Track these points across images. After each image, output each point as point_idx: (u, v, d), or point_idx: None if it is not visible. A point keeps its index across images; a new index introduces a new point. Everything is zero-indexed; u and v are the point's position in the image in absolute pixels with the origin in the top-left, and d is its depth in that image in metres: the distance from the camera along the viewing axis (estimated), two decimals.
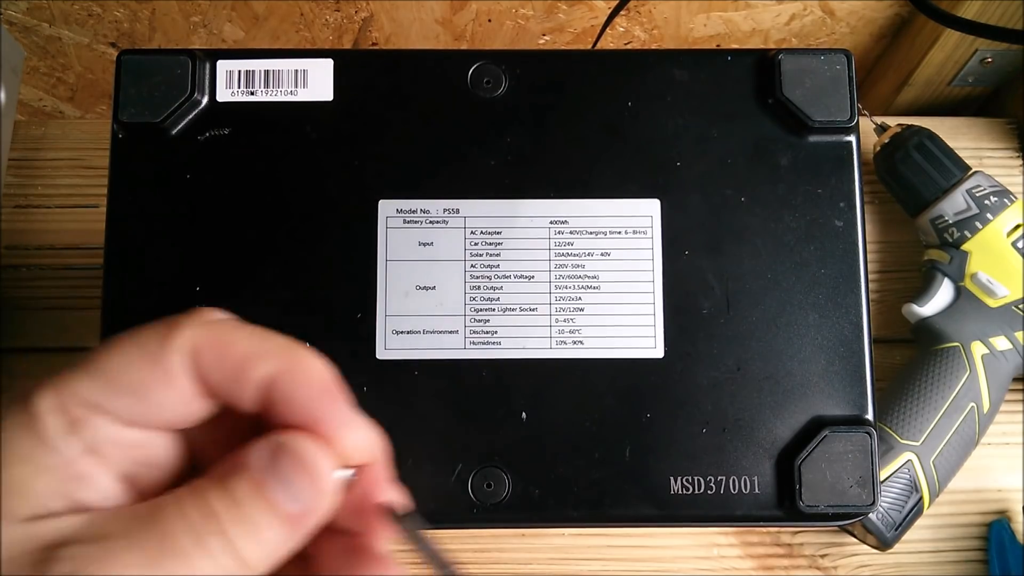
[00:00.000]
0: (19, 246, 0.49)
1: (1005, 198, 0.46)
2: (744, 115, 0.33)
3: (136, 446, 0.20)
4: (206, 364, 0.19)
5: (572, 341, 0.32)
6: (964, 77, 0.55)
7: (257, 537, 0.18)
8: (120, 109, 0.32)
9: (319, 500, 0.19)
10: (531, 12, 0.56)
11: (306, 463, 0.19)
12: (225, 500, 0.18)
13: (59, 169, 0.50)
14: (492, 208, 0.33)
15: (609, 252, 0.32)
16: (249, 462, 0.19)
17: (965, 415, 0.44)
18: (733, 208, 0.33)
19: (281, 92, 0.33)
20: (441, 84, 0.33)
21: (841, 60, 0.33)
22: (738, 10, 0.57)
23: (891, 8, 0.56)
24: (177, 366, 0.19)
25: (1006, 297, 0.45)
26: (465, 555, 0.46)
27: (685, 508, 0.31)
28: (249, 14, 0.56)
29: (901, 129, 0.48)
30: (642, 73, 0.34)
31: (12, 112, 0.51)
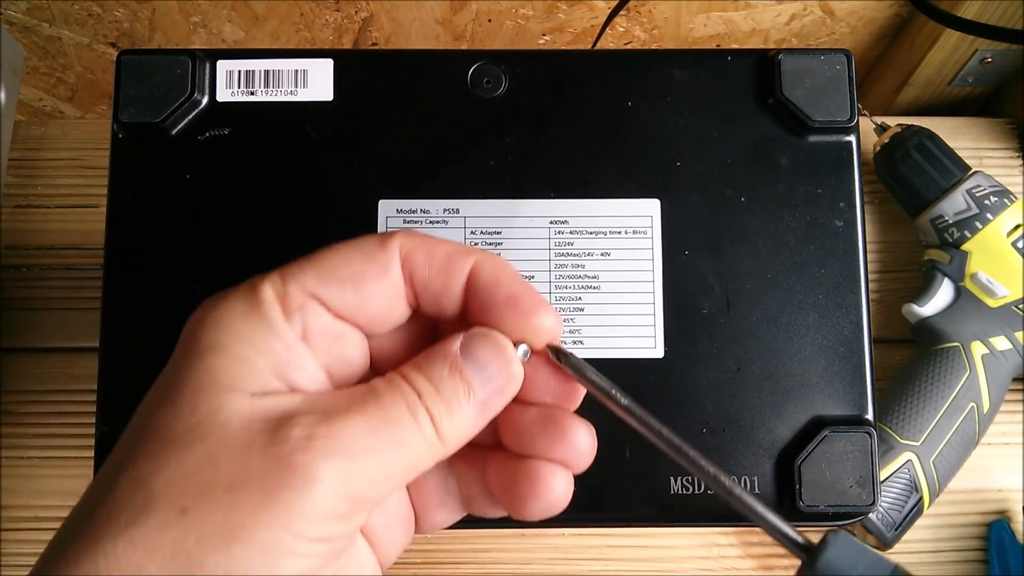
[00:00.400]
0: (19, 246, 0.49)
1: (1005, 198, 0.46)
2: (744, 115, 0.33)
3: (339, 338, 0.21)
4: (418, 262, 0.22)
5: (572, 341, 0.32)
6: (964, 77, 0.55)
7: (453, 414, 0.20)
8: (120, 109, 0.32)
9: (509, 383, 0.22)
10: (531, 12, 0.56)
11: (498, 348, 0.21)
12: (429, 381, 0.20)
13: (59, 169, 0.50)
14: (492, 208, 0.33)
15: (609, 252, 0.32)
16: (448, 349, 0.21)
17: (965, 415, 0.44)
18: (733, 208, 0.33)
19: (281, 92, 0.33)
20: (441, 84, 0.33)
21: (841, 60, 0.33)
22: (738, 10, 0.57)
23: (891, 8, 0.56)
24: (393, 261, 0.22)
25: (1006, 297, 0.45)
26: (465, 555, 0.47)
27: (685, 508, 0.31)
28: (249, 14, 0.56)
29: (901, 129, 0.48)
30: (642, 73, 0.34)
31: (12, 112, 0.51)
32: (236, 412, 0.19)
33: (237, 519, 0.17)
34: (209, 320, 0.20)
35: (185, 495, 0.17)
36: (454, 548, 0.47)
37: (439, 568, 0.46)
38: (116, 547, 0.17)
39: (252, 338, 0.20)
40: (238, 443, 0.18)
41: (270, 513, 0.17)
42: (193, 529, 0.17)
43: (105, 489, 0.18)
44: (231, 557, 0.17)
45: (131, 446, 0.19)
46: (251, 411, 0.19)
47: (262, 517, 0.17)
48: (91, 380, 0.30)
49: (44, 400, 0.47)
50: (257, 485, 0.18)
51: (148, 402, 0.20)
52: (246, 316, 0.20)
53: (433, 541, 0.47)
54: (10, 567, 0.45)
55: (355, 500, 0.19)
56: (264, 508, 0.17)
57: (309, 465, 0.18)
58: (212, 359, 0.19)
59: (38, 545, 0.45)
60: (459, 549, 0.47)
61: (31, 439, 0.47)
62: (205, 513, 0.17)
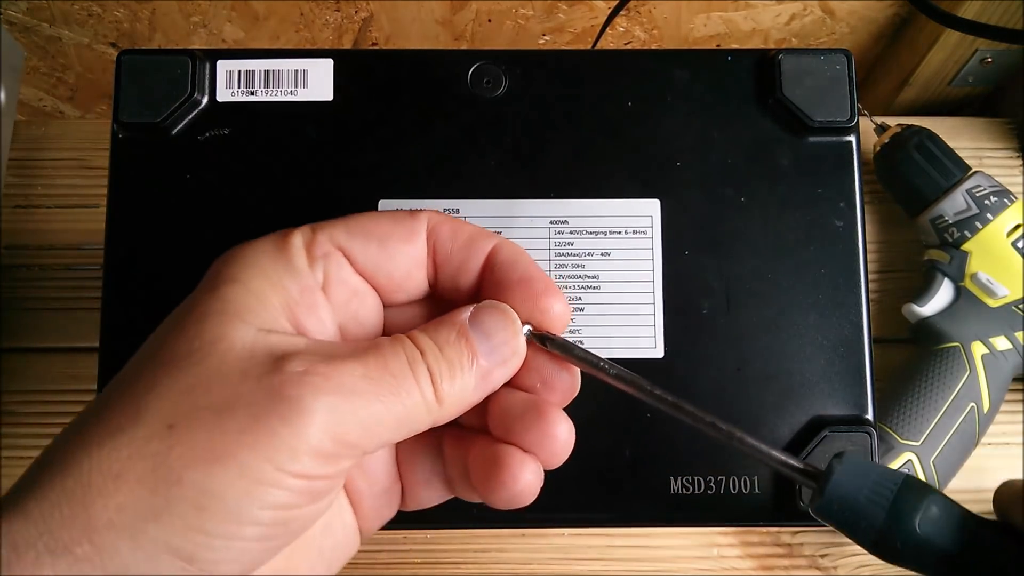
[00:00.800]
0: (19, 246, 0.49)
1: (1005, 198, 0.46)
2: (744, 115, 0.33)
3: (357, 295, 0.22)
4: (443, 236, 0.23)
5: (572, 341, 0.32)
6: (964, 77, 0.55)
7: (454, 377, 0.21)
8: (120, 109, 0.32)
9: (512, 355, 0.22)
10: (531, 12, 0.56)
11: (507, 319, 0.22)
12: (434, 342, 0.21)
13: (59, 169, 0.50)
14: (492, 208, 0.33)
15: (609, 252, 0.32)
16: (457, 316, 0.22)
17: (965, 415, 0.44)
18: (733, 208, 0.33)
19: (281, 92, 0.33)
20: (441, 84, 0.33)
21: (841, 60, 0.33)
22: (738, 10, 0.57)
23: (891, 8, 0.56)
24: (420, 228, 0.23)
25: (1006, 297, 0.45)
26: (465, 555, 0.47)
27: (685, 508, 0.31)
28: (249, 14, 0.56)
29: (901, 129, 0.48)
30: (642, 73, 0.34)
31: (12, 112, 0.51)
32: (239, 341, 0.19)
33: (220, 441, 0.17)
34: (234, 256, 0.21)
35: (174, 412, 0.18)
36: (454, 548, 0.47)
37: (439, 568, 0.46)
38: (101, 452, 0.17)
39: (270, 274, 0.20)
40: (235, 370, 0.18)
41: (254, 440, 0.18)
42: (176, 444, 0.17)
43: (102, 403, 0.19)
44: (209, 476, 0.17)
45: (134, 368, 0.19)
46: (254, 342, 0.19)
47: (245, 443, 0.18)
48: (91, 380, 0.30)
49: (44, 400, 0.47)
50: (245, 411, 0.18)
51: (159, 330, 0.20)
52: (271, 256, 0.21)
53: (433, 541, 0.47)
54: None
55: (342, 442, 0.19)
56: (248, 434, 0.18)
57: (300, 398, 0.18)
58: (226, 289, 0.20)
59: None
60: (459, 549, 0.47)
61: (31, 439, 0.47)
62: (190, 431, 0.18)
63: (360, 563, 0.46)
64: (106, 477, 0.17)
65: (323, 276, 0.21)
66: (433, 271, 0.23)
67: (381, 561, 0.46)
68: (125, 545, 0.17)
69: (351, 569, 0.46)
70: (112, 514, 0.17)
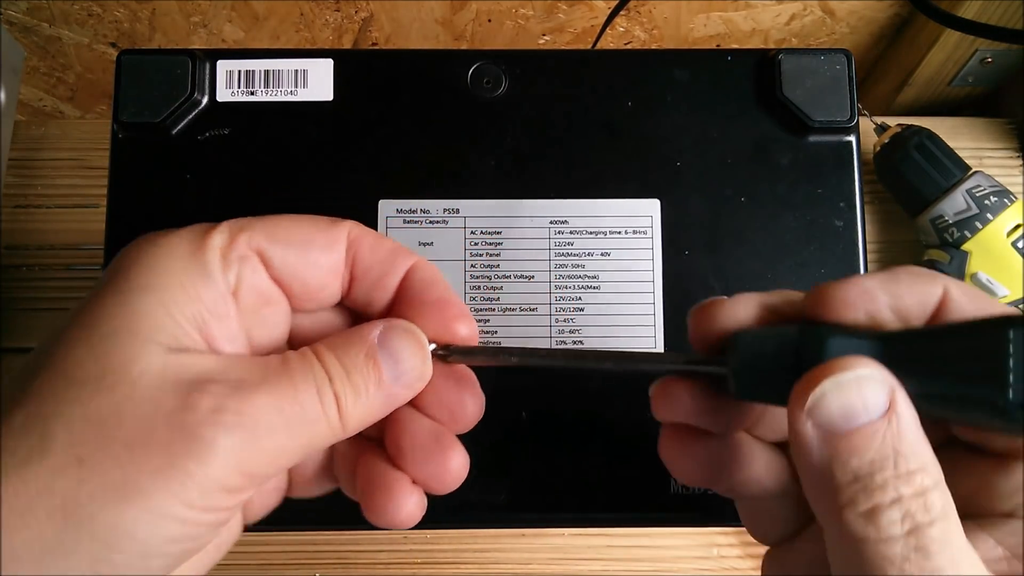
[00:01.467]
0: (19, 246, 0.49)
1: (1005, 198, 0.46)
2: (744, 115, 0.33)
3: (269, 302, 0.22)
4: (364, 249, 0.23)
5: (572, 341, 0.32)
6: (964, 77, 0.55)
7: (359, 400, 0.20)
8: (120, 109, 0.32)
9: (419, 380, 0.22)
10: (531, 12, 0.56)
11: (416, 344, 0.22)
12: (342, 365, 0.20)
13: (59, 169, 0.50)
14: (492, 208, 0.33)
15: (609, 252, 0.32)
16: (366, 335, 0.21)
17: None
18: (733, 208, 0.33)
19: (281, 92, 0.33)
20: (441, 84, 0.33)
21: (841, 60, 0.33)
22: (738, 10, 0.57)
23: (891, 8, 0.56)
24: (341, 237, 0.22)
25: (1006, 297, 0.45)
26: (465, 555, 0.47)
27: (685, 508, 0.31)
28: (249, 14, 0.56)
29: (901, 129, 0.48)
30: (642, 73, 0.34)
31: (12, 112, 0.51)
32: (149, 368, 0.18)
33: (133, 479, 0.17)
34: (145, 256, 0.20)
35: (84, 444, 0.17)
36: (454, 548, 0.47)
37: (439, 568, 0.46)
38: (8, 485, 0.17)
39: (184, 282, 0.20)
40: (147, 402, 0.18)
41: (167, 479, 0.17)
42: (87, 480, 0.17)
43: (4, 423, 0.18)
44: (120, 515, 0.17)
45: (35, 375, 0.19)
46: (164, 369, 0.19)
47: (158, 482, 0.17)
48: None
49: None
50: (159, 449, 0.18)
51: (64, 330, 0.19)
52: (184, 259, 0.20)
53: (433, 541, 0.47)
54: None
55: (250, 476, 0.19)
56: (162, 474, 0.17)
57: (213, 439, 0.18)
58: (137, 300, 0.19)
59: None
60: (459, 549, 0.47)
61: None
62: (102, 467, 0.17)
63: (360, 563, 0.46)
64: (12, 513, 0.17)
65: (236, 280, 0.21)
66: (349, 282, 0.23)
67: (381, 561, 0.46)
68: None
69: (351, 569, 0.46)
70: (19, 549, 0.17)
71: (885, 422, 0.17)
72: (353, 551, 0.46)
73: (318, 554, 0.46)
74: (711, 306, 0.21)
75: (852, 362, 0.18)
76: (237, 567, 0.46)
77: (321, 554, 0.46)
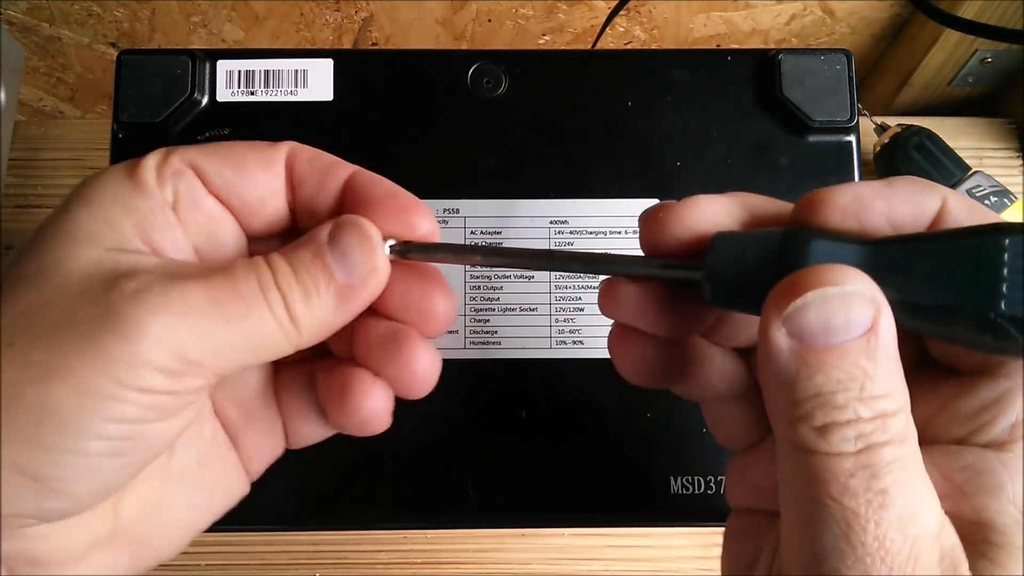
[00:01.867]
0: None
1: (1005, 198, 0.46)
2: (744, 115, 0.33)
3: (212, 218, 0.21)
4: (301, 158, 0.22)
5: (572, 341, 0.32)
6: (964, 77, 0.55)
7: (310, 300, 0.20)
8: (120, 109, 0.32)
9: (372, 273, 0.21)
10: (531, 12, 0.56)
11: (363, 236, 0.21)
12: (289, 264, 0.20)
13: (59, 169, 0.50)
14: (492, 208, 0.33)
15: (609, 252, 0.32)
16: (314, 236, 0.21)
17: None
18: None
19: (281, 92, 0.33)
20: (441, 84, 0.33)
21: (841, 60, 0.33)
22: (738, 10, 0.57)
23: (891, 8, 0.56)
24: (278, 156, 0.22)
25: None
26: (465, 555, 0.47)
27: (685, 508, 0.31)
28: (249, 14, 0.56)
29: (901, 129, 0.48)
30: (642, 73, 0.34)
31: (12, 112, 0.51)
32: (82, 261, 0.19)
33: (59, 358, 0.18)
34: (88, 181, 0.20)
35: (13, 330, 0.18)
36: (454, 548, 0.47)
37: (439, 568, 0.46)
38: None
39: (120, 195, 0.20)
40: (75, 289, 0.18)
41: (92, 356, 0.18)
42: (15, 361, 0.18)
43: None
44: (45, 391, 0.17)
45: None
46: (99, 262, 0.19)
47: (83, 359, 0.18)
48: None
49: None
50: (81, 328, 0.18)
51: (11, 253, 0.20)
52: (121, 178, 0.20)
53: (433, 541, 0.47)
54: None
55: (185, 360, 0.19)
56: (85, 351, 0.18)
57: (135, 315, 0.18)
58: (75, 211, 0.20)
59: None
60: (459, 549, 0.47)
61: None
62: (29, 348, 0.18)
63: (360, 563, 0.46)
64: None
65: (173, 195, 0.21)
66: (292, 199, 0.22)
67: (381, 561, 0.46)
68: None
69: (351, 569, 0.46)
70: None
71: (863, 342, 0.16)
72: (353, 551, 0.46)
73: (318, 554, 0.46)
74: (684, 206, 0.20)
75: (842, 274, 0.17)
76: (237, 567, 0.46)
77: (321, 554, 0.46)
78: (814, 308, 0.16)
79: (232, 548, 0.46)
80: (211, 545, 0.46)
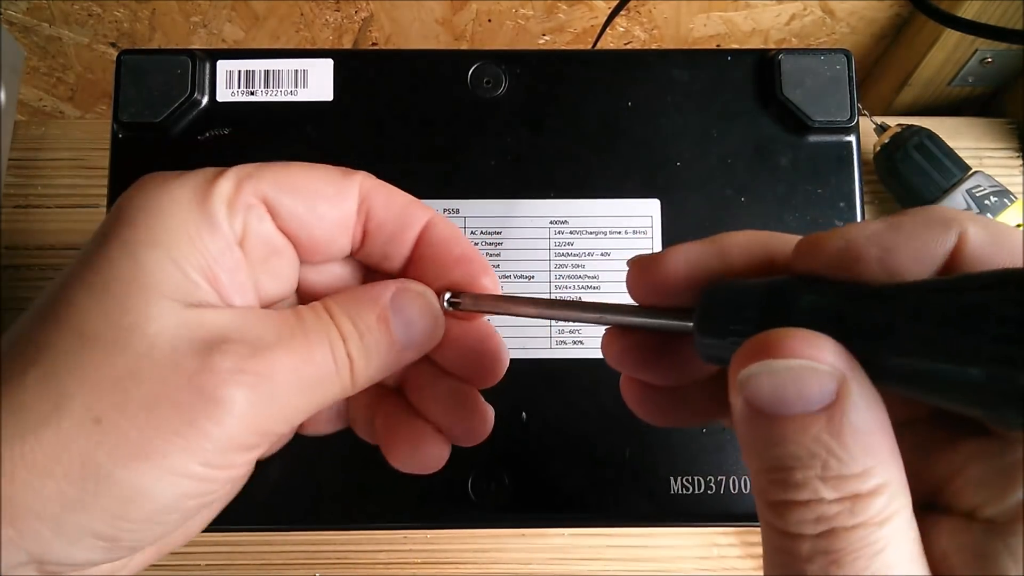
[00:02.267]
0: (19, 246, 0.49)
1: (1005, 198, 0.46)
2: (744, 115, 0.33)
3: (276, 253, 0.21)
4: (377, 201, 0.22)
5: (572, 341, 0.32)
6: (964, 77, 0.55)
7: (370, 360, 0.21)
8: (120, 109, 0.32)
9: (429, 343, 0.22)
10: (531, 12, 0.56)
11: (426, 306, 0.21)
12: (355, 327, 0.20)
13: (59, 169, 0.50)
14: (492, 208, 0.33)
15: (609, 252, 0.32)
16: (379, 297, 0.21)
17: None
18: (733, 208, 0.33)
19: (281, 92, 0.33)
20: (441, 84, 0.33)
21: (841, 60, 0.33)
22: (738, 10, 0.57)
23: (891, 8, 0.56)
24: (352, 191, 0.22)
25: None
26: (465, 555, 0.47)
27: (685, 508, 0.31)
28: (249, 14, 0.56)
29: (901, 129, 0.48)
30: (642, 73, 0.34)
31: (12, 112, 0.51)
32: (166, 326, 0.18)
33: (151, 440, 0.17)
34: (150, 205, 0.20)
35: (101, 404, 0.17)
36: (454, 548, 0.47)
37: (439, 568, 0.46)
38: (24, 445, 0.17)
39: (191, 231, 0.19)
40: (165, 361, 0.18)
41: (185, 440, 0.18)
42: (105, 440, 0.17)
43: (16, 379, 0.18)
44: (139, 474, 0.17)
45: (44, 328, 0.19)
46: (180, 326, 0.18)
47: (176, 443, 0.18)
48: None
49: None
50: (177, 410, 0.18)
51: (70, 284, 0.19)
52: (189, 208, 0.20)
53: (433, 541, 0.47)
54: None
55: (265, 434, 0.19)
56: (180, 434, 0.18)
57: (232, 400, 0.18)
58: (145, 254, 0.19)
59: None
60: (459, 549, 0.47)
61: None
62: (119, 428, 0.17)
63: (360, 563, 0.46)
64: (31, 472, 0.17)
65: (242, 229, 0.20)
66: (361, 237, 0.22)
67: (381, 561, 0.46)
68: (48, 531, 0.17)
69: (351, 569, 0.46)
70: (37, 505, 0.17)
71: (822, 417, 0.15)
72: (353, 551, 0.46)
73: (318, 554, 0.46)
74: (662, 258, 0.19)
75: (798, 344, 0.15)
76: (237, 567, 0.46)
77: (321, 554, 0.46)
78: (765, 378, 0.15)
79: (232, 548, 0.46)
80: (211, 545, 0.46)
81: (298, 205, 0.21)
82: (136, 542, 0.18)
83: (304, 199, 0.21)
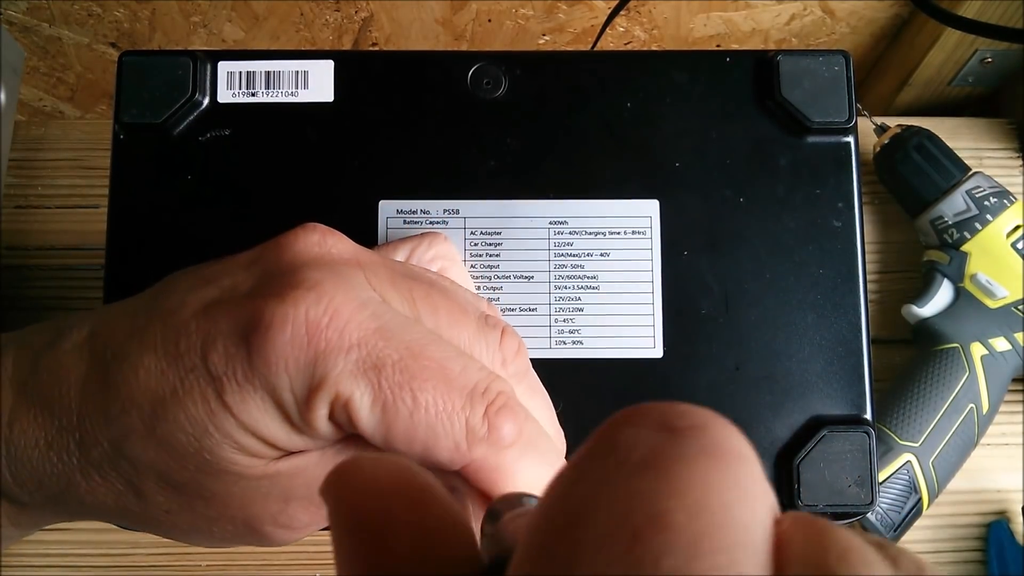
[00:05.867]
0: (19, 246, 0.49)
1: (1005, 199, 0.46)
2: (743, 116, 0.33)
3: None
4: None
5: (572, 341, 0.32)
6: (964, 77, 0.55)
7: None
8: (121, 110, 0.32)
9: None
10: (531, 12, 0.56)
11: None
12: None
13: (59, 169, 0.50)
14: (492, 208, 0.33)
15: (608, 252, 0.33)
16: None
17: (964, 416, 0.44)
18: (732, 209, 0.33)
19: (282, 93, 0.33)
20: (441, 85, 0.33)
21: (839, 61, 0.33)
22: (738, 10, 0.57)
23: (891, 8, 0.56)
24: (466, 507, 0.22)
25: (1006, 298, 0.45)
26: None
27: None
28: (249, 14, 0.56)
29: (901, 130, 0.48)
30: (642, 73, 0.34)
31: (12, 112, 0.51)
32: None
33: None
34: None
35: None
36: None
37: None
38: None
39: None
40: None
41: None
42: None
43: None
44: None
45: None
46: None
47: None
48: None
49: None
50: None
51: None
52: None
53: None
54: (10, 567, 0.45)
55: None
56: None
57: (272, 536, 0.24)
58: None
59: (39, 546, 0.45)
60: None
61: None
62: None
63: None
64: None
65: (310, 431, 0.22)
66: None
67: None
68: None
69: None
70: None
71: None
72: None
73: (318, 554, 0.46)
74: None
75: None
76: (237, 567, 0.46)
77: (321, 554, 0.46)
78: None
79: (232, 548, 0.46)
80: None
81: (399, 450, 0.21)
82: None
83: (411, 455, 0.21)
